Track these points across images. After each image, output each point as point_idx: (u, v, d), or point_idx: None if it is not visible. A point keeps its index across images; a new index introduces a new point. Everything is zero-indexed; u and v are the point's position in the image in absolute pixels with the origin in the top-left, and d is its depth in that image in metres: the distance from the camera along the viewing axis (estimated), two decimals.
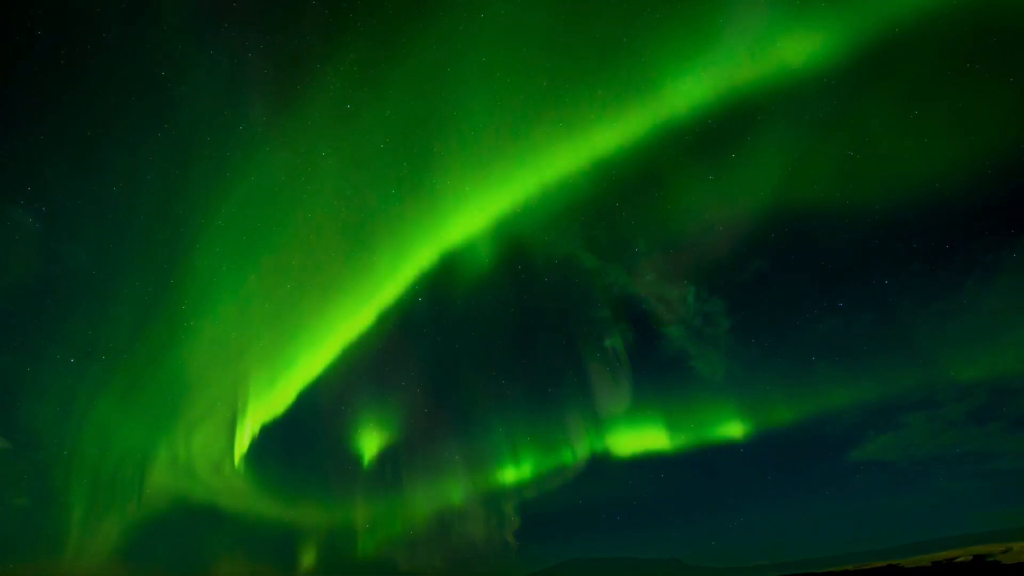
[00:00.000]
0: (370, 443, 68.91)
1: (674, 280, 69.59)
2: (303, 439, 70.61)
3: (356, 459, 69.28)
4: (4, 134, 53.87)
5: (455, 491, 71.48)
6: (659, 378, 70.63)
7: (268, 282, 61.44)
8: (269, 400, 64.49)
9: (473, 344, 69.87)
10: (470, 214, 61.40)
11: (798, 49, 49.99)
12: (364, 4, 51.83)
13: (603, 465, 68.68)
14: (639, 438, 67.27)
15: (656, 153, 55.85)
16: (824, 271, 61.51)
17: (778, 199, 55.87)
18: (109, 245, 58.57)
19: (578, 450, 69.96)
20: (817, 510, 71.83)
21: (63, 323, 58.98)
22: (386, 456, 70.14)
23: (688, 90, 52.61)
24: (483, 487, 71.32)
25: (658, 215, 61.78)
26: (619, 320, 71.15)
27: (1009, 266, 56.37)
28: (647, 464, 67.89)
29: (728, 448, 66.41)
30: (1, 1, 49.22)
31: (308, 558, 68.58)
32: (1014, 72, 47.92)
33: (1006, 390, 61.26)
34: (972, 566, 63.69)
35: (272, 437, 66.56)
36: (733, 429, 65.37)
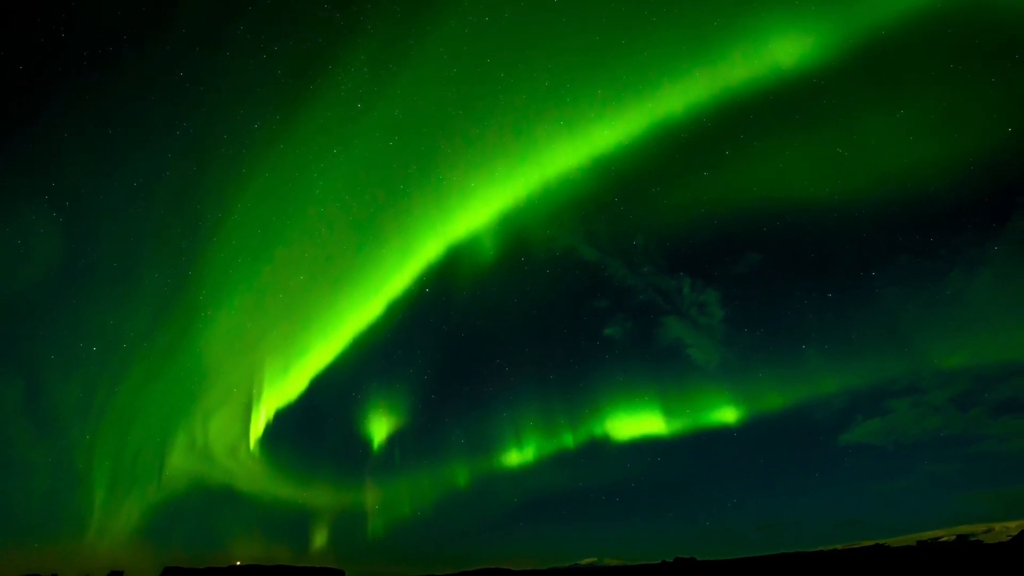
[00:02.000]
0: (379, 428, 70.59)
1: (671, 272, 71.48)
2: (315, 424, 72.29)
3: (366, 443, 71.06)
4: (29, 133, 55.60)
5: (461, 474, 73.10)
6: (656, 366, 71.99)
7: (282, 274, 62.99)
8: (283, 387, 66.19)
9: (478, 333, 71.35)
10: (475, 209, 62.81)
11: (790, 51, 51.61)
12: (373, 8, 53.23)
13: (602, 449, 70.21)
14: (636, 423, 68.70)
15: (654, 151, 57.28)
16: (814, 263, 62.89)
17: (770, 195, 57.34)
18: (129, 239, 60.22)
19: (578, 434, 71.43)
20: (807, 492, 73.61)
21: (85, 314, 60.87)
22: (394, 440, 71.77)
23: (684, 90, 54.18)
24: (488, 470, 72.85)
25: (655, 210, 63.28)
26: (618, 310, 72.97)
27: (991, 259, 57.92)
28: (644, 448, 69.41)
29: (722, 433, 68.00)
30: (25, 6, 50.99)
31: (320, 538, 70.43)
32: (997, 73, 49.53)
33: (988, 377, 62.70)
34: (955, 545, 65.81)
35: (286, 422, 68.38)
36: (727, 415, 66.96)
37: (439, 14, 53.09)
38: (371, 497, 73.93)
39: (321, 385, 67.69)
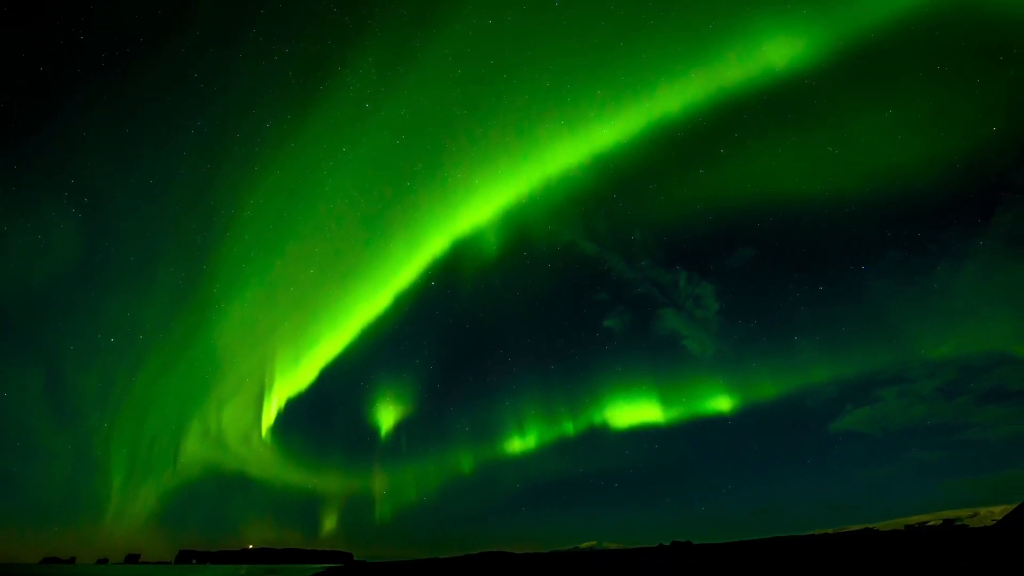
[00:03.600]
0: (387, 416, 72.93)
1: (667, 266, 73.55)
2: (325, 413, 74.73)
3: (374, 431, 73.51)
4: (49, 131, 57.53)
5: (465, 461, 75.25)
6: (653, 356, 74.12)
7: (293, 268, 65.17)
8: (294, 377, 68.56)
9: (482, 325, 73.52)
10: (479, 205, 64.88)
11: (782, 53, 52.76)
12: (381, 11, 54.91)
13: (601, 437, 72.27)
14: (634, 412, 70.75)
15: (651, 149, 59.03)
16: (806, 257, 64.79)
17: (764, 191, 58.98)
18: (146, 234, 62.40)
19: (578, 422, 73.44)
20: (799, 478, 75.74)
21: (103, 306, 63.17)
22: (401, 428, 74.24)
23: (681, 90, 55.60)
24: (491, 457, 74.93)
25: (653, 206, 65.24)
26: (616, 302, 75.11)
27: (977, 253, 59.79)
28: (642, 436, 71.50)
29: (717, 421, 70.24)
30: (46, 7, 52.66)
31: (329, 522, 72.87)
32: (982, 74, 51.21)
33: (973, 367, 64.64)
34: (942, 530, 67.97)
35: (297, 411, 70.91)
36: (721, 403, 69.06)
37: (444, 17, 54.84)
38: (379, 483, 76.47)
39: (331, 375, 70.13)
